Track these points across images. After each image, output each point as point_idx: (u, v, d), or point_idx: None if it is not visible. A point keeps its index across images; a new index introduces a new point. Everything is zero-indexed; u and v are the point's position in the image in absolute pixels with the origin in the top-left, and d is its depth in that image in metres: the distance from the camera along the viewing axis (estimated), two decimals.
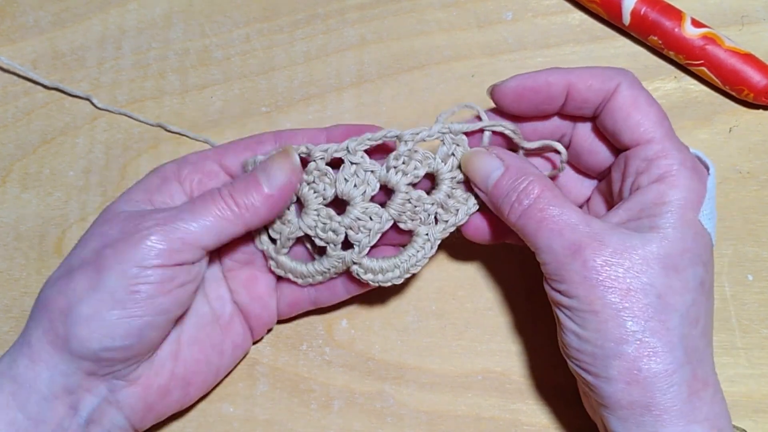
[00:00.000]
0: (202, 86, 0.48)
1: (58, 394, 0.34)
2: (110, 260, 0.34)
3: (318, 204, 0.38)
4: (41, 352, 0.34)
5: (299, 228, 0.38)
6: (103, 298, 0.33)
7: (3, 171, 0.48)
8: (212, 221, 0.35)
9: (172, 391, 0.38)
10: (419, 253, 0.38)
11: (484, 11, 0.47)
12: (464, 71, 0.46)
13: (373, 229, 0.37)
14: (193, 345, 0.38)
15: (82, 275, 0.34)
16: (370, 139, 0.37)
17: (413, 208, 0.37)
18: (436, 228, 0.38)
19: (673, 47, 0.44)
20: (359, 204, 0.37)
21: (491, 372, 0.41)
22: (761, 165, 0.43)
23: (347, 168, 0.37)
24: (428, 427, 0.41)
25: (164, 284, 0.34)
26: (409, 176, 0.37)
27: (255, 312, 0.40)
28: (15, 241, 0.47)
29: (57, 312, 0.34)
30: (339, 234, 0.37)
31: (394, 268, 0.38)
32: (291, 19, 0.48)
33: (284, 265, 0.39)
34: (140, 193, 0.37)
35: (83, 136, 0.48)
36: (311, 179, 0.37)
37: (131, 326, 0.33)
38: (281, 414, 0.42)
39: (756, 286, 0.41)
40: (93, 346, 0.33)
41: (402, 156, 0.37)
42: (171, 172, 0.38)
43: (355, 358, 0.42)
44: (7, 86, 0.49)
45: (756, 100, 0.43)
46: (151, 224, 0.34)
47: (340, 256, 0.38)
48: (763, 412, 0.40)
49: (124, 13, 0.50)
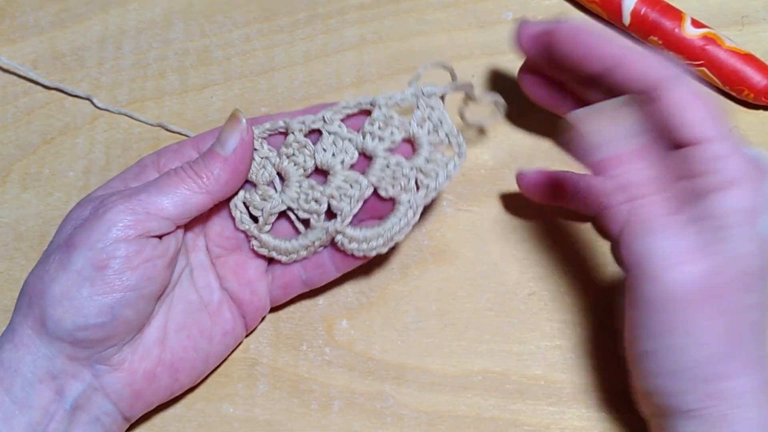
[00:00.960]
0: (202, 86, 0.48)
1: (42, 377, 0.34)
2: (78, 237, 0.34)
3: (299, 176, 0.38)
4: (23, 336, 0.34)
5: (281, 202, 0.38)
6: (71, 277, 0.34)
7: (3, 171, 0.48)
8: (175, 191, 0.36)
9: (159, 377, 0.38)
10: (402, 221, 0.38)
11: (484, 11, 0.47)
12: (464, 71, 0.46)
13: (353, 197, 0.38)
14: (181, 331, 0.39)
15: (55, 258, 0.35)
16: (345, 107, 0.38)
17: (392, 173, 0.37)
18: (418, 194, 0.38)
19: (673, 47, 0.44)
20: (339, 173, 0.38)
21: (491, 372, 0.41)
22: None
23: (325, 138, 0.38)
24: (428, 427, 0.41)
25: (130, 258, 0.34)
26: (386, 141, 0.37)
27: (245, 298, 0.40)
28: (15, 241, 0.47)
29: (33, 296, 0.34)
30: (321, 204, 0.38)
31: (378, 237, 0.38)
32: (291, 20, 0.49)
33: (267, 244, 0.39)
34: (117, 181, 0.39)
35: (83, 137, 0.48)
36: (291, 152, 0.38)
37: (102, 303, 0.34)
38: (281, 414, 0.42)
39: None
40: (67, 325, 0.34)
41: (377, 121, 0.37)
42: (150, 160, 0.39)
43: (355, 358, 0.42)
44: (6, 86, 0.50)
45: (756, 100, 0.43)
46: (115, 198, 0.35)
47: (323, 227, 0.38)
48: None
49: (124, 13, 0.50)
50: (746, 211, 0.32)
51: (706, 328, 0.32)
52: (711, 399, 0.32)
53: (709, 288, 0.31)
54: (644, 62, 0.34)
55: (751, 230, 0.32)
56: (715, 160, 0.32)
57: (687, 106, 0.32)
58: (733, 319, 0.32)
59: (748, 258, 0.32)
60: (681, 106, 0.33)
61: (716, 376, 0.32)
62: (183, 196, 0.36)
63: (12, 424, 0.34)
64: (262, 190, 0.39)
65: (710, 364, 0.32)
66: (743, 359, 0.32)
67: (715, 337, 0.32)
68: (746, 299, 0.32)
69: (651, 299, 0.32)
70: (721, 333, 0.32)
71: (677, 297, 0.32)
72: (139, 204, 0.35)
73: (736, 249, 0.32)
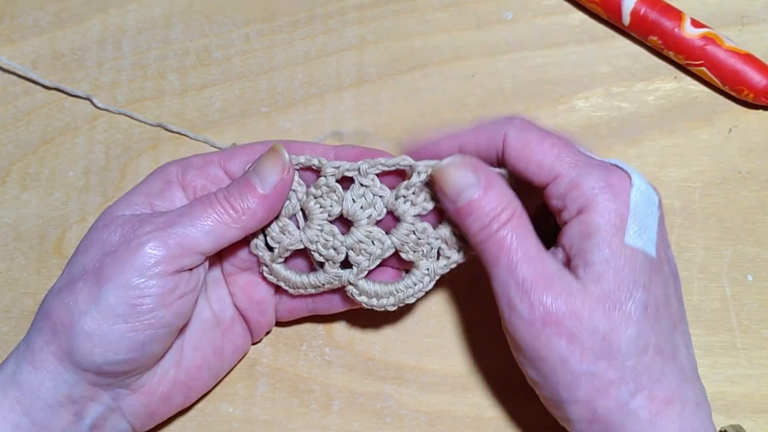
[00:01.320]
0: (202, 86, 0.48)
1: (62, 402, 0.34)
2: (110, 270, 0.33)
3: (322, 219, 0.37)
4: (45, 362, 0.34)
5: (300, 240, 0.38)
6: (104, 312, 0.33)
7: (3, 171, 0.48)
8: (211, 225, 0.34)
9: (174, 396, 0.38)
10: (416, 286, 0.38)
11: (484, 11, 0.47)
12: (464, 71, 0.46)
13: (373, 254, 0.37)
14: (196, 351, 0.38)
15: (84, 287, 0.33)
16: (383, 164, 0.37)
17: (417, 240, 0.37)
18: (438, 263, 0.37)
19: (672, 47, 0.44)
20: (363, 227, 0.37)
21: (491, 372, 0.41)
22: (761, 165, 0.43)
23: (356, 189, 0.37)
24: (428, 427, 0.41)
25: (165, 296, 0.34)
26: (418, 207, 0.37)
27: (254, 317, 0.40)
28: (15, 241, 0.47)
29: (60, 325, 0.33)
30: (340, 253, 0.37)
31: (389, 295, 0.38)
32: (291, 20, 0.49)
33: (278, 274, 0.39)
34: (141, 196, 0.37)
35: (83, 137, 0.48)
36: (319, 194, 0.37)
37: (134, 340, 0.33)
38: (281, 414, 0.42)
39: (756, 286, 0.41)
40: (96, 359, 0.33)
41: (413, 186, 0.36)
42: (174, 175, 0.37)
43: (355, 358, 0.42)
44: (6, 86, 0.49)
45: (756, 100, 0.43)
46: (149, 229, 0.34)
47: (337, 275, 0.37)
48: (763, 413, 0.40)
49: (124, 13, 0.50)
50: (602, 231, 0.32)
51: (554, 353, 0.32)
52: (585, 422, 0.32)
53: (556, 317, 0.32)
54: (478, 137, 0.36)
55: (609, 247, 0.32)
56: (564, 195, 0.33)
57: (527, 155, 0.34)
58: (587, 343, 0.32)
59: (613, 276, 0.32)
60: (523, 158, 0.34)
61: (571, 400, 0.32)
62: (217, 230, 0.34)
63: None
64: (283, 223, 0.38)
65: (563, 388, 0.32)
66: (608, 378, 0.32)
67: (563, 361, 0.32)
68: (607, 322, 0.32)
69: (509, 327, 0.33)
70: (571, 358, 0.32)
71: (525, 325, 0.32)
72: (174, 237, 0.34)
73: (596, 272, 0.32)
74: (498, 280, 0.33)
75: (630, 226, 0.33)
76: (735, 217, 0.42)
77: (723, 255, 0.42)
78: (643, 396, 0.32)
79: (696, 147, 0.43)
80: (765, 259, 0.42)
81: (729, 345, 0.41)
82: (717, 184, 0.43)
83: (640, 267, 0.33)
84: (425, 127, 0.46)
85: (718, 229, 0.42)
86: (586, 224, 0.33)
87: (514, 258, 0.33)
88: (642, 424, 0.31)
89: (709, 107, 0.44)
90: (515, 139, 0.35)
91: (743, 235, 0.42)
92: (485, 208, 0.33)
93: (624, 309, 0.32)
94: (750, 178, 0.43)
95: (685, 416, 0.32)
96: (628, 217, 0.33)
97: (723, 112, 0.44)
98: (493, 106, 0.45)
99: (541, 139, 0.34)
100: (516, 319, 0.33)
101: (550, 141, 0.34)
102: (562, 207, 0.34)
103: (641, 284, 0.32)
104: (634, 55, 0.45)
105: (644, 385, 0.32)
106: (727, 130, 0.44)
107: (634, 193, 0.33)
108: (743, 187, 0.43)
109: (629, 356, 0.32)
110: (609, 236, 0.32)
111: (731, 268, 0.42)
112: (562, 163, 0.34)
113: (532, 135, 0.35)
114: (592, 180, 0.33)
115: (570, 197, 0.33)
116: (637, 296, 0.32)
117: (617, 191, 0.33)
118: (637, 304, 0.32)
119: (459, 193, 0.34)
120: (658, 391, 0.32)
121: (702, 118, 0.44)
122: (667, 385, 0.32)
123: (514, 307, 0.33)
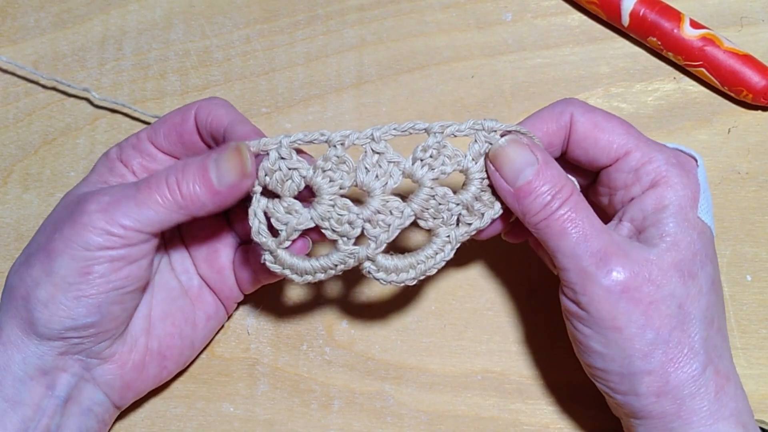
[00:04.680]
0: (202, 87, 0.48)
1: (33, 375, 0.35)
2: (58, 244, 0.34)
3: (333, 194, 0.34)
4: (11, 336, 0.35)
5: (310, 218, 0.35)
6: (57, 282, 0.34)
7: (4, 171, 0.48)
8: (154, 209, 0.34)
9: (148, 366, 0.38)
10: (438, 255, 0.36)
11: (483, 12, 0.47)
12: (464, 72, 0.46)
13: (392, 225, 0.34)
14: (165, 319, 0.39)
15: (36, 261, 0.35)
16: (395, 129, 0.34)
17: (437, 205, 0.35)
18: (458, 230, 0.36)
19: (672, 48, 0.44)
20: (379, 196, 0.34)
21: (490, 372, 0.42)
22: (760, 166, 0.43)
23: (369, 157, 0.34)
24: (428, 427, 0.41)
25: (114, 263, 0.34)
26: (436, 171, 0.35)
27: (217, 286, 0.41)
28: (16, 241, 0.47)
29: (19, 298, 0.35)
30: (355, 227, 0.34)
31: (410, 269, 0.36)
32: (291, 20, 0.49)
33: (283, 261, 0.35)
34: (94, 176, 0.38)
35: (84, 137, 0.48)
36: (328, 166, 0.34)
37: (90, 305, 0.34)
38: (281, 414, 0.42)
39: (754, 286, 0.42)
40: (56, 326, 0.34)
41: (430, 149, 0.34)
42: (115, 155, 0.39)
43: (355, 358, 0.42)
44: (8, 87, 0.50)
45: (755, 101, 0.43)
46: (94, 208, 0.34)
47: (352, 251, 0.35)
48: (762, 412, 0.40)
49: (125, 14, 0.50)
50: (677, 204, 0.33)
51: (632, 322, 0.32)
52: (653, 396, 0.32)
53: (635, 283, 0.32)
54: (543, 122, 0.35)
55: (685, 220, 0.33)
56: (637, 168, 0.34)
57: (596, 134, 0.34)
58: (664, 311, 0.32)
59: (687, 247, 0.33)
60: (591, 138, 0.35)
61: (645, 371, 0.32)
62: (162, 215, 0.34)
63: (5, 422, 0.34)
64: (288, 203, 0.35)
65: (638, 358, 0.32)
66: (682, 348, 0.32)
67: (641, 330, 0.32)
68: (683, 289, 0.32)
69: (582, 298, 0.33)
70: (649, 326, 0.32)
71: (603, 294, 0.32)
72: (117, 219, 0.33)
73: (672, 241, 0.33)
74: (566, 254, 0.33)
75: (701, 202, 0.34)
76: (734, 217, 0.43)
77: (722, 255, 0.42)
78: (712, 369, 0.32)
79: (695, 147, 0.43)
80: (764, 259, 0.42)
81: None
82: (716, 184, 0.43)
83: (709, 242, 0.34)
84: None
85: (717, 229, 0.42)
86: (662, 197, 0.33)
87: (583, 231, 0.33)
88: (709, 398, 0.32)
89: (708, 108, 0.44)
90: (582, 116, 0.35)
91: (742, 235, 0.42)
92: (545, 186, 0.33)
93: (697, 279, 0.33)
94: (749, 178, 0.43)
95: (738, 396, 0.33)
96: (700, 193, 0.34)
97: (722, 113, 0.44)
98: (493, 106, 0.46)
99: (607, 118, 0.35)
100: (594, 289, 0.32)
101: (616, 119, 0.35)
102: (634, 181, 0.34)
103: (710, 258, 0.33)
104: (633, 55, 0.46)
105: (712, 358, 0.32)
106: (726, 131, 0.44)
107: (700, 172, 0.34)
108: (742, 188, 0.43)
109: (701, 327, 0.32)
110: (685, 209, 0.33)
111: (730, 268, 0.42)
112: (633, 140, 0.34)
113: (598, 113, 0.35)
114: (664, 156, 0.34)
115: (644, 170, 0.34)
116: (707, 269, 0.33)
117: (687, 169, 0.34)
118: (707, 277, 0.33)
119: (519, 172, 0.34)
120: (721, 366, 0.33)
121: (701, 118, 0.44)
122: (725, 362, 0.33)
123: (591, 275, 0.32)
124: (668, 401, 0.32)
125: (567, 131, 0.35)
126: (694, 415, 0.32)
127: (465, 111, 0.46)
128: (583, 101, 0.36)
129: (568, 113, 0.35)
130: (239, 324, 0.44)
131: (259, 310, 0.44)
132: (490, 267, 0.43)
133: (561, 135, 0.35)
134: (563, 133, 0.35)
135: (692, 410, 0.32)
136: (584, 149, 0.35)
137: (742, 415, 0.32)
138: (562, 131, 0.35)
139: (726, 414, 0.32)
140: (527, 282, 0.43)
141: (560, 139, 0.36)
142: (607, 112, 0.35)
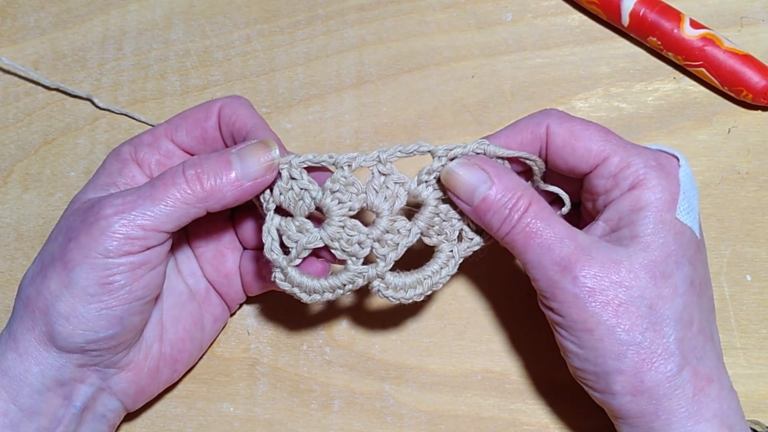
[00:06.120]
0: (202, 87, 0.48)
1: (50, 386, 0.35)
2: (75, 254, 0.33)
3: (342, 215, 0.36)
4: (28, 348, 0.34)
5: (319, 238, 0.36)
6: (77, 294, 0.33)
7: (4, 171, 0.48)
8: (172, 206, 0.34)
9: (161, 370, 0.39)
10: (443, 270, 0.37)
11: (483, 12, 0.47)
12: (464, 72, 0.46)
13: (401, 243, 0.36)
14: (176, 323, 0.39)
15: (53, 273, 0.34)
16: (401, 151, 0.36)
17: (441, 222, 0.36)
18: (461, 245, 0.37)
19: (672, 48, 0.44)
20: (387, 217, 0.36)
21: (490, 372, 0.42)
22: (760, 166, 0.43)
23: (376, 179, 0.36)
24: (428, 426, 0.41)
25: (135, 271, 0.34)
26: (440, 191, 0.36)
27: (223, 290, 0.41)
28: (16, 241, 0.47)
29: (37, 311, 0.34)
30: (365, 247, 0.36)
31: (417, 285, 0.37)
32: (291, 20, 0.49)
33: (293, 279, 0.36)
34: (103, 177, 0.37)
35: (84, 137, 0.48)
36: (336, 188, 0.35)
37: (111, 316, 0.34)
38: (281, 414, 0.42)
39: (754, 286, 0.42)
40: (77, 340, 0.34)
41: (434, 171, 0.36)
42: (128, 154, 0.38)
43: (355, 358, 0.42)
44: (8, 87, 0.50)
45: (755, 101, 0.43)
46: (110, 212, 0.34)
47: (361, 271, 0.36)
48: (762, 412, 0.40)
49: (125, 14, 0.50)
50: (653, 206, 0.33)
51: (601, 324, 0.32)
52: (629, 395, 0.32)
53: (601, 286, 0.32)
54: (519, 134, 0.36)
55: (660, 221, 0.33)
56: (616, 174, 0.34)
57: (573, 143, 0.35)
58: (634, 311, 0.32)
59: (660, 248, 0.32)
60: (568, 147, 0.35)
61: (618, 370, 0.32)
62: (180, 211, 0.34)
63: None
64: (300, 222, 0.36)
65: (610, 358, 0.32)
66: (656, 349, 0.32)
67: (611, 330, 0.32)
68: (654, 290, 0.32)
69: (554, 304, 0.33)
70: (620, 326, 0.32)
71: (572, 299, 0.32)
72: (135, 220, 0.33)
73: (644, 242, 0.33)
74: (533, 265, 0.33)
75: (681, 203, 0.33)
76: (734, 217, 0.43)
77: (722, 255, 0.42)
78: (689, 371, 0.32)
79: (695, 147, 0.44)
80: (764, 259, 0.42)
81: (728, 345, 0.41)
82: (716, 184, 0.43)
83: (687, 243, 0.33)
84: (425, 127, 0.46)
85: (717, 229, 0.42)
86: (638, 199, 0.33)
87: (545, 240, 0.33)
88: (686, 399, 0.32)
89: (708, 108, 0.44)
90: (559, 127, 0.35)
91: (742, 235, 0.42)
92: (501, 201, 0.34)
93: (671, 280, 0.32)
94: (749, 178, 0.43)
95: (723, 397, 0.32)
96: (679, 194, 0.33)
97: (722, 113, 0.44)
98: (493, 106, 0.46)
99: (585, 126, 0.35)
100: (562, 295, 0.33)
101: (593, 126, 0.35)
102: (613, 186, 0.34)
103: (687, 259, 0.33)
104: (633, 55, 0.46)
105: (689, 360, 0.32)
106: (726, 131, 0.44)
107: (682, 172, 0.34)
108: (742, 188, 0.43)
109: (676, 328, 0.32)
110: (660, 210, 0.33)
111: (730, 267, 0.42)
112: (611, 145, 0.34)
113: (575, 122, 0.35)
114: (642, 159, 0.34)
115: (622, 175, 0.34)
116: (684, 270, 0.33)
117: (668, 170, 0.34)
118: (683, 278, 0.33)
119: (472, 192, 0.35)
120: (701, 368, 0.32)
121: (701, 118, 0.44)
122: (708, 364, 0.33)
123: (557, 284, 0.33)
124: (644, 401, 0.32)
125: (543, 141, 0.36)
126: (672, 415, 0.32)
127: (465, 111, 0.46)
128: (561, 111, 0.36)
129: (544, 124, 0.35)
130: (239, 324, 0.44)
131: (260, 310, 0.44)
132: (490, 267, 0.43)
133: (536, 145, 0.36)
134: (538, 144, 0.36)
135: (670, 410, 0.32)
136: (563, 158, 0.35)
137: (728, 417, 0.32)
138: (537, 141, 0.36)
139: (708, 416, 0.32)
140: (527, 282, 0.42)
141: (535, 149, 0.36)
142: (585, 120, 0.35)
